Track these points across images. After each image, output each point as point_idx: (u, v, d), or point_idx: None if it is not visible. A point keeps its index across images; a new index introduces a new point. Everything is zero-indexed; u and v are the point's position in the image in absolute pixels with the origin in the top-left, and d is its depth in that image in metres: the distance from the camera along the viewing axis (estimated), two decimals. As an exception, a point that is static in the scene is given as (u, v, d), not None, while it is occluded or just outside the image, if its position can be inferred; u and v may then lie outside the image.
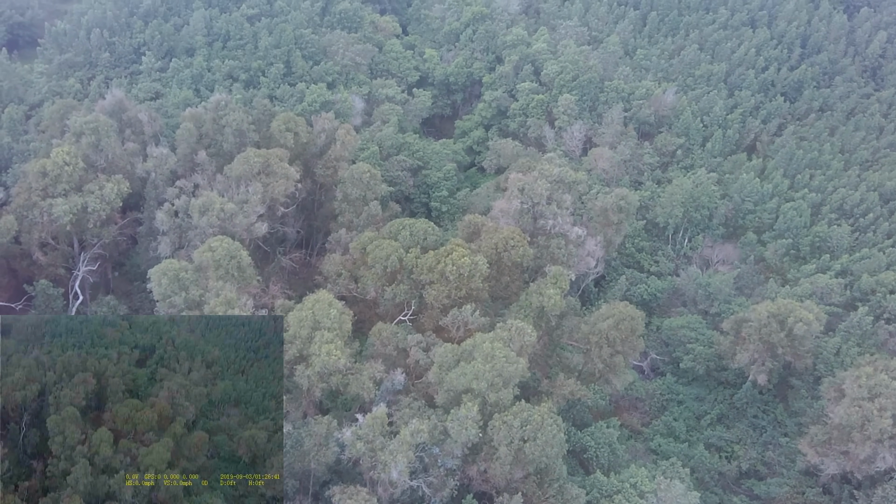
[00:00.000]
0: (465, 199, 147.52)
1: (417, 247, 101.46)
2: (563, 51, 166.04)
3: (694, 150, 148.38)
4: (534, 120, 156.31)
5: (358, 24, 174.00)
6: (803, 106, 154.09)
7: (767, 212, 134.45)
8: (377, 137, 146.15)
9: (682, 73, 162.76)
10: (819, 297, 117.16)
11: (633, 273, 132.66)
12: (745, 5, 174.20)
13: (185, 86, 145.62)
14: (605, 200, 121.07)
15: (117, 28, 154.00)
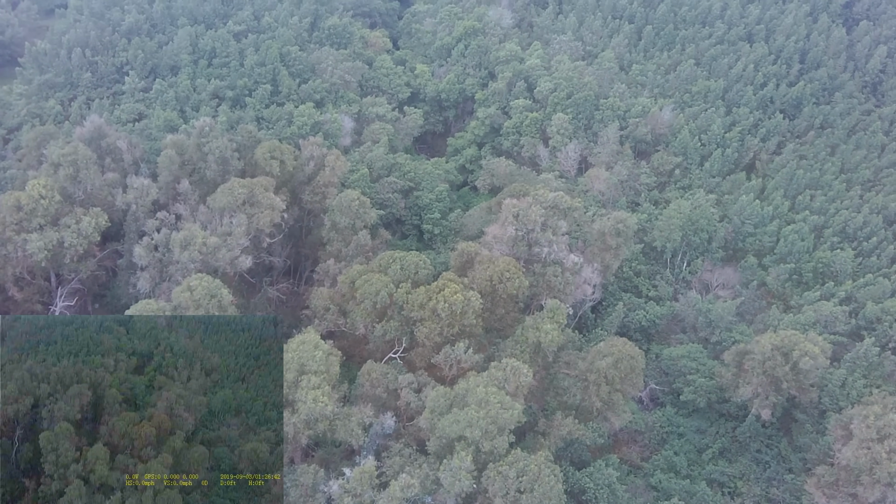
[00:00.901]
0: (458, 221, 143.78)
1: (408, 281, 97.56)
2: (557, 67, 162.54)
3: (692, 170, 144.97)
4: (528, 139, 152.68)
5: (348, 39, 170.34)
6: (803, 123, 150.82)
7: (768, 234, 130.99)
8: (367, 158, 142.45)
9: (678, 90, 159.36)
10: (823, 325, 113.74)
11: (631, 298, 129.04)
12: (742, 19, 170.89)
13: (170, 107, 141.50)
14: (602, 224, 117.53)
15: (99, 47, 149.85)
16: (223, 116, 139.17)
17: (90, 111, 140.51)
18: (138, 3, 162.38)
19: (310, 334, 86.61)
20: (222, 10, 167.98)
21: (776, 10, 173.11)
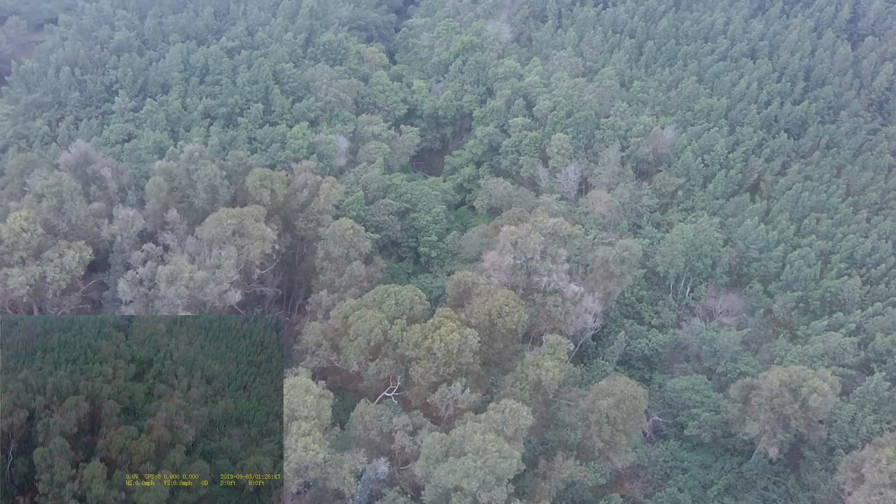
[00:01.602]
0: (455, 243, 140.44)
1: (403, 317, 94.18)
2: (556, 84, 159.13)
3: (695, 192, 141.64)
4: (527, 158, 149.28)
5: (343, 55, 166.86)
6: (808, 143, 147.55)
7: (773, 260, 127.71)
8: (362, 180, 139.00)
9: (680, 108, 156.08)
10: (831, 357, 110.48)
11: (633, 325, 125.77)
12: (746, 34, 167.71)
13: (160, 128, 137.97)
14: (607, 252, 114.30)
15: (88, 65, 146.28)
16: (215, 138, 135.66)
17: (78, 131, 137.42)
18: (128, 18, 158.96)
19: (301, 377, 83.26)
20: (215, 25, 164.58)
21: (780, 24, 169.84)
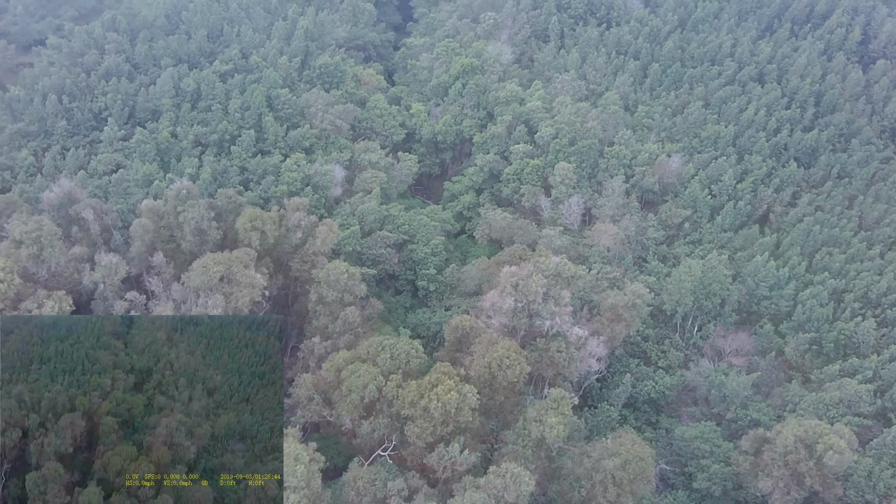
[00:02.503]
0: (454, 276, 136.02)
1: (399, 371, 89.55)
2: (559, 109, 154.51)
3: (702, 224, 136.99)
4: (528, 187, 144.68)
5: (340, 78, 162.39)
6: (819, 172, 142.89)
7: (784, 298, 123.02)
8: (359, 211, 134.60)
9: (686, 134, 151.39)
10: (846, 405, 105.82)
11: (639, 366, 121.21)
12: (753, 57, 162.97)
13: (149, 158, 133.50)
14: (616, 298, 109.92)
15: (76, 92, 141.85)
16: (207, 169, 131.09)
17: (65, 162, 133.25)
18: (119, 42, 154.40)
19: (290, 443, 78.59)
20: (208, 48, 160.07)
21: (789, 47, 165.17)
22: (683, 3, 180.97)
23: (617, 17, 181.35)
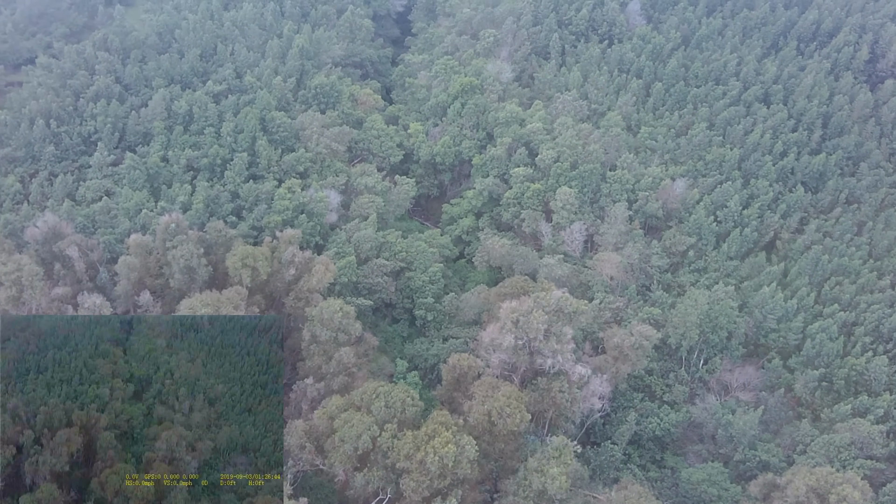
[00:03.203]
0: (453, 305, 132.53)
1: (394, 420, 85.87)
2: (560, 130, 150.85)
3: (707, 252, 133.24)
4: (529, 212, 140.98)
5: (336, 98, 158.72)
6: (826, 197, 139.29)
7: (793, 331, 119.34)
8: (354, 239, 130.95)
9: (691, 156, 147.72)
10: (859, 447, 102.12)
11: (643, 402, 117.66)
12: (759, 77, 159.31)
13: (139, 185, 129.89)
14: (622, 337, 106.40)
15: (64, 116, 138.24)
16: (199, 196, 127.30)
17: (53, 188, 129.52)
18: (110, 61, 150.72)
19: (281, 502, 75.02)
20: (201, 67, 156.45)
21: (795, 66, 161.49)
22: (687, 19, 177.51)
23: (619, 33, 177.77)
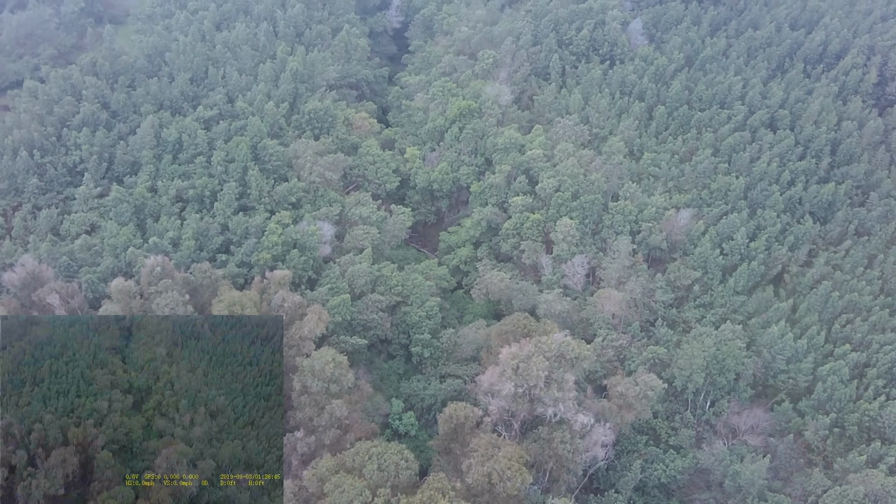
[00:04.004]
0: (450, 341, 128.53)
1: (388, 485, 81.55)
2: (560, 157, 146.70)
3: (713, 286, 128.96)
4: (529, 243, 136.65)
5: (330, 123, 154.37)
6: (836, 228, 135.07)
7: (803, 373, 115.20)
8: (349, 274, 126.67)
9: (695, 185, 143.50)
10: (873, 500, 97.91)
11: (648, 446, 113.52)
12: (765, 101, 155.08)
13: (126, 218, 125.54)
14: (625, 386, 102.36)
15: (48, 146, 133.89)
16: (188, 232, 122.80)
17: (36, 222, 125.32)
18: (97, 86, 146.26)
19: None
20: (191, 92, 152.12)
21: (801, 90, 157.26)
22: (690, 39, 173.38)
23: (621, 53, 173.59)
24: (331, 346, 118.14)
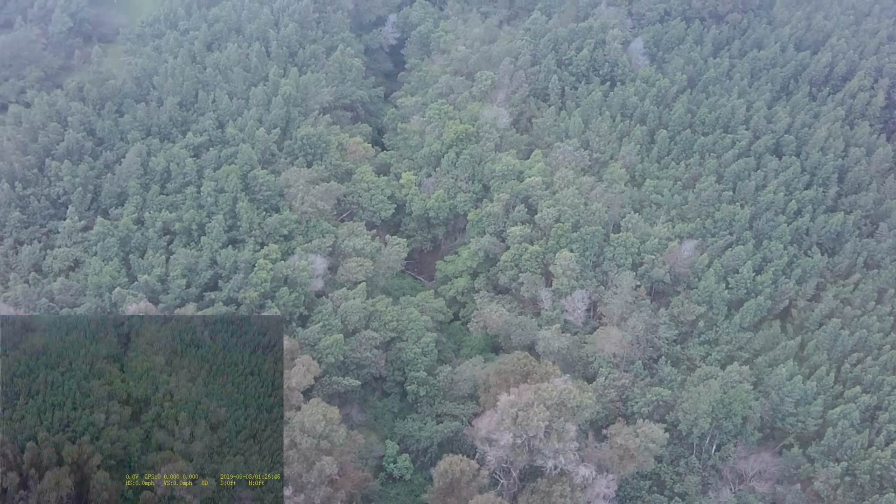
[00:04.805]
0: (447, 378, 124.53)
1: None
2: (559, 183, 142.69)
3: (718, 322, 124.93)
4: (528, 276, 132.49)
5: (323, 149, 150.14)
6: (844, 261, 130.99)
7: (812, 416, 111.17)
8: (341, 310, 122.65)
9: (699, 214, 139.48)
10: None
11: (651, 493, 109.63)
12: (770, 125, 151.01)
13: (111, 254, 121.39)
14: (626, 438, 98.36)
15: (31, 178, 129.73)
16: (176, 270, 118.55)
17: (18, 258, 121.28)
18: (83, 112, 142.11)
19: None
20: (180, 117, 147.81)
21: (807, 114, 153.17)
22: (692, 59, 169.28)
23: (621, 74, 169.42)
24: (323, 386, 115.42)
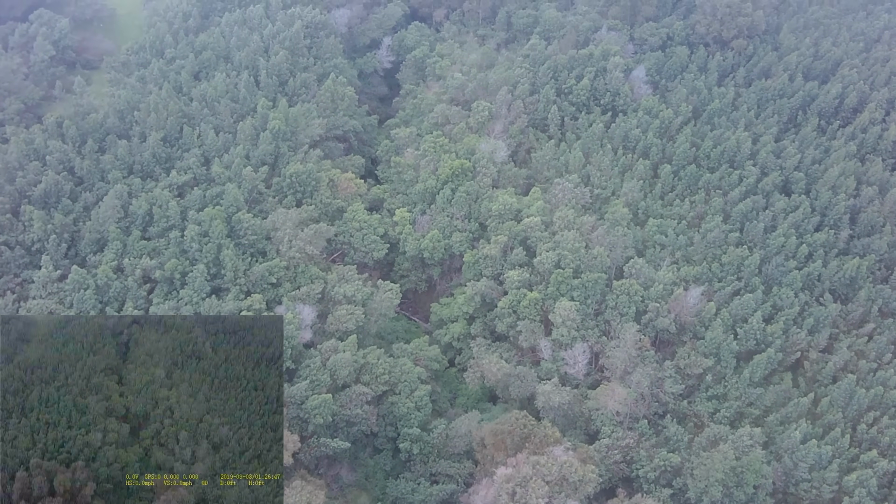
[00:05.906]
0: (441, 435, 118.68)
1: None
2: (559, 223, 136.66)
3: (727, 376, 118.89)
4: (526, 324, 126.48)
5: (314, 187, 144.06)
6: (858, 309, 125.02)
7: (828, 482, 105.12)
8: (330, 364, 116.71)
9: (705, 256, 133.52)
10: None
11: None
12: (778, 161, 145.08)
13: (89, 305, 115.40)
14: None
15: (5, 224, 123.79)
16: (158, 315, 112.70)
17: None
18: (63, 150, 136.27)
19: None
20: (164, 154, 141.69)
21: (816, 148, 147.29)
22: (696, 89, 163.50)
23: (623, 104, 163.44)
24: (310, 448, 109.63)
